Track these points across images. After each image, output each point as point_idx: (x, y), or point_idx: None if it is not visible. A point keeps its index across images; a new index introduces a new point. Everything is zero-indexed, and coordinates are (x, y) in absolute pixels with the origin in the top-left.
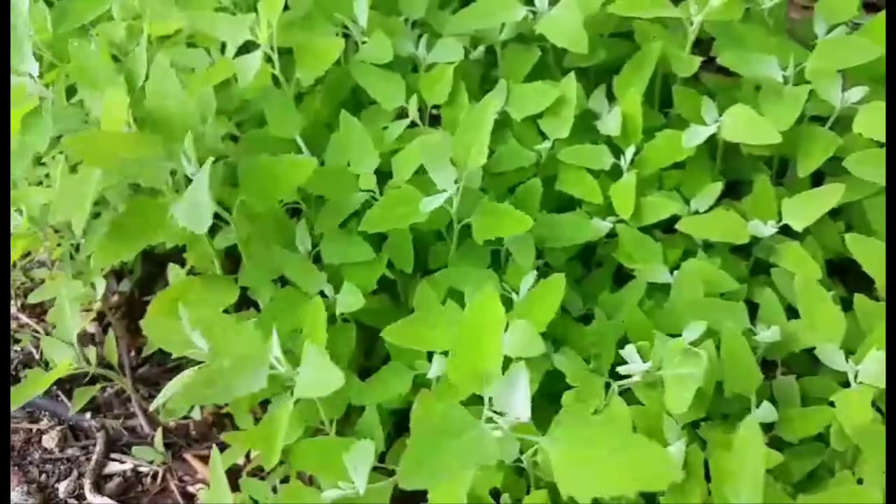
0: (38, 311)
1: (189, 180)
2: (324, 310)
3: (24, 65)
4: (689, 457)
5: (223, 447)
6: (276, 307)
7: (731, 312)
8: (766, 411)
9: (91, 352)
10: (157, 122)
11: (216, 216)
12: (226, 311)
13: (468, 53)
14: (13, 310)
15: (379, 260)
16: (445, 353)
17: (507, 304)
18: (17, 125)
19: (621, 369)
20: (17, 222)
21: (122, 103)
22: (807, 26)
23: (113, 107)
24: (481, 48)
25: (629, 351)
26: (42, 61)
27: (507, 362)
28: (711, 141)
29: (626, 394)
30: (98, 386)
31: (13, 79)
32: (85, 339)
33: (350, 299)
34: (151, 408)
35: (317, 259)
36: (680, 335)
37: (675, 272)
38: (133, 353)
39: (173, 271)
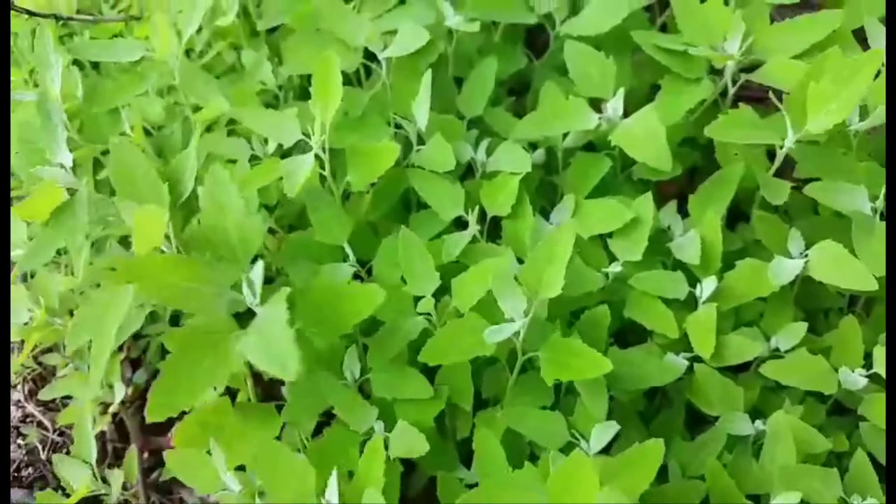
0: (46, 400)
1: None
2: (382, 454)
3: (58, 155)
4: None
5: None
6: (325, 449)
7: (825, 481)
8: None
9: (113, 475)
10: (209, 241)
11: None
12: None
13: None
14: (20, 397)
15: (437, 397)
16: None
17: None
18: (46, 216)
19: None
20: (36, 314)
21: (159, 222)
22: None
23: (147, 224)
24: (541, 151)
25: None
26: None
27: None
28: None
29: None
30: None
31: (46, 169)
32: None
33: (411, 443)
34: None
35: (364, 383)
36: (766, 495)
37: (756, 421)
38: (147, 455)
39: None
